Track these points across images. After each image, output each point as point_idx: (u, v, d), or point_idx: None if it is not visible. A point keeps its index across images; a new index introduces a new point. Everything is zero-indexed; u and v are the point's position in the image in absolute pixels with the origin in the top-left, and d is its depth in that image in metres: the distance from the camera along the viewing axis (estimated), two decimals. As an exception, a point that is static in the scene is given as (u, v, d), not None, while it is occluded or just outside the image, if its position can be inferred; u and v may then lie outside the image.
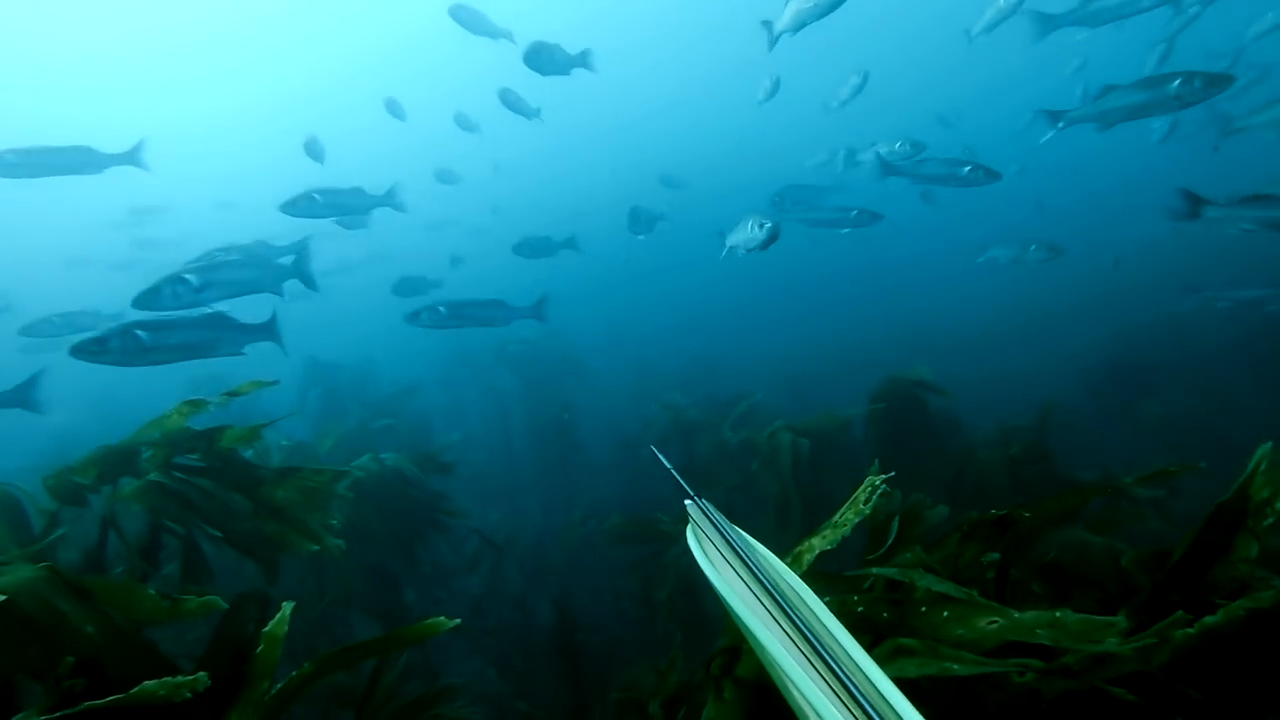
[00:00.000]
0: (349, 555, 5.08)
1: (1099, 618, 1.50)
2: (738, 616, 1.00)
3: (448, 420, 11.33)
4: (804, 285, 24.34)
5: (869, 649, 1.56)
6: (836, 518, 1.71)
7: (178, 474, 2.94)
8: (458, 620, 1.53)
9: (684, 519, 1.15)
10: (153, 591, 2.53)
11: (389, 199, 7.15)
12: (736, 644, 1.69)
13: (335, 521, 3.38)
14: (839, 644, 0.90)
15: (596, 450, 10.73)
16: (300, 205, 6.66)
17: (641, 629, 5.77)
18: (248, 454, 5.15)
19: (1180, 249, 15.22)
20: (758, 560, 1.09)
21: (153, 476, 2.87)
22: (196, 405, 3.05)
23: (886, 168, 7.83)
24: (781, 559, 1.12)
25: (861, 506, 1.70)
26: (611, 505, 8.94)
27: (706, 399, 9.41)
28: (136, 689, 1.31)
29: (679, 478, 1.36)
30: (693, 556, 1.17)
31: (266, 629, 1.42)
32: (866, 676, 0.84)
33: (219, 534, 2.92)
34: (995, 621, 1.53)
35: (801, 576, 1.12)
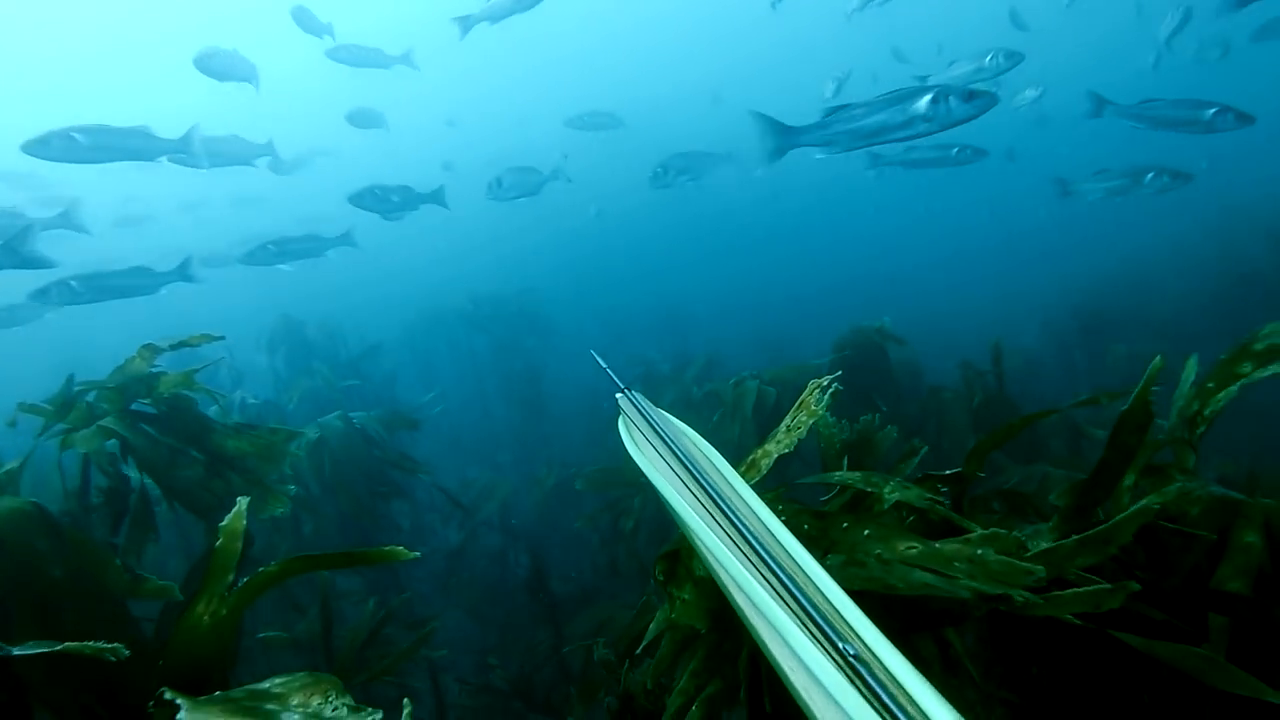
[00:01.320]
0: (325, 512, 5.13)
1: (1021, 563, 1.46)
2: (664, 498, 1.08)
3: (420, 379, 11.34)
4: (776, 243, 24.39)
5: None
6: (789, 421, 1.67)
7: (127, 420, 2.90)
8: (418, 554, 1.56)
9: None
10: (119, 563, 2.55)
11: (435, 197, 7.31)
12: (683, 547, 1.70)
13: (290, 480, 3.38)
14: (758, 518, 0.99)
15: (567, 406, 10.81)
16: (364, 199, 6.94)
17: (614, 578, 5.88)
18: (211, 410, 5.15)
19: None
20: (681, 442, 1.22)
21: (106, 422, 2.85)
22: (155, 349, 3.03)
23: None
24: (736, 468, 1.17)
25: (814, 408, 1.66)
26: (581, 459, 9.06)
27: (678, 355, 9.51)
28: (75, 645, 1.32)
29: (610, 373, 1.48)
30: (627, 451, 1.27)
31: (224, 523, 1.44)
32: (784, 548, 0.91)
33: (156, 488, 2.89)
34: (914, 548, 1.52)
35: (755, 486, 1.17)
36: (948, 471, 1.96)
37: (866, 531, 1.58)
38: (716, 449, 1.20)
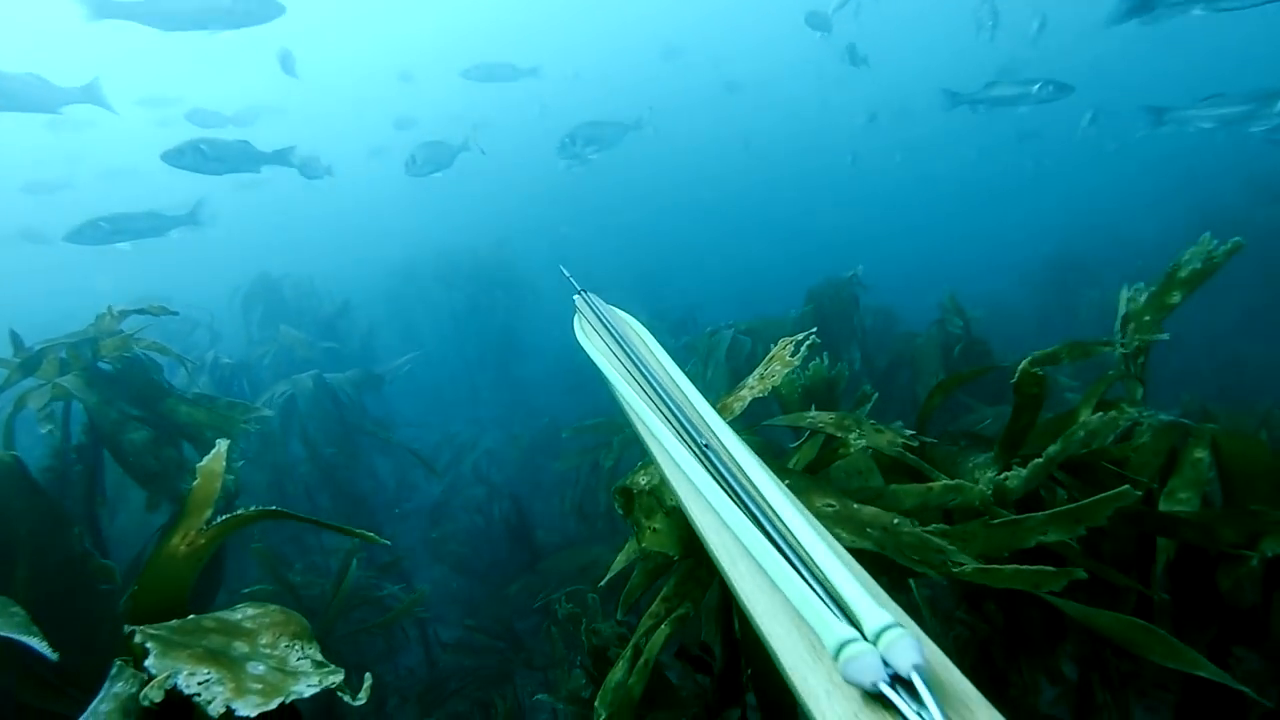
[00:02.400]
0: (308, 472, 5.14)
1: (935, 539, 1.44)
2: (615, 392, 1.33)
3: (398, 337, 11.29)
4: (754, 198, 24.24)
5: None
6: (762, 369, 1.69)
7: (82, 380, 2.86)
8: (388, 541, 1.62)
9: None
10: (77, 530, 2.56)
11: (280, 157, 6.78)
12: (648, 482, 1.72)
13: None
14: (691, 404, 1.23)
15: (544, 361, 10.85)
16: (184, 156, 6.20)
17: (595, 521, 5.95)
18: (179, 373, 5.12)
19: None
20: (621, 329, 1.53)
21: (62, 379, 2.82)
22: (123, 314, 3.00)
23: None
24: (713, 407, 1.24)
25: (789, 359, 1.66)
26: (560, 411, 9.13)
27: (654, 311, 9.51)
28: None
29: (568, 275, 1.73)
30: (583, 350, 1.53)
31: (201, 465, 1.45)
32: (708, 424, 1.15)
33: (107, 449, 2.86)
34: (831, 505, 1.52)
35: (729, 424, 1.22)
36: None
37: (788, 482, 1.60)
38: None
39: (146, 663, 1.15)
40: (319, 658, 1.28)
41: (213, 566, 2.90)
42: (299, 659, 1.26)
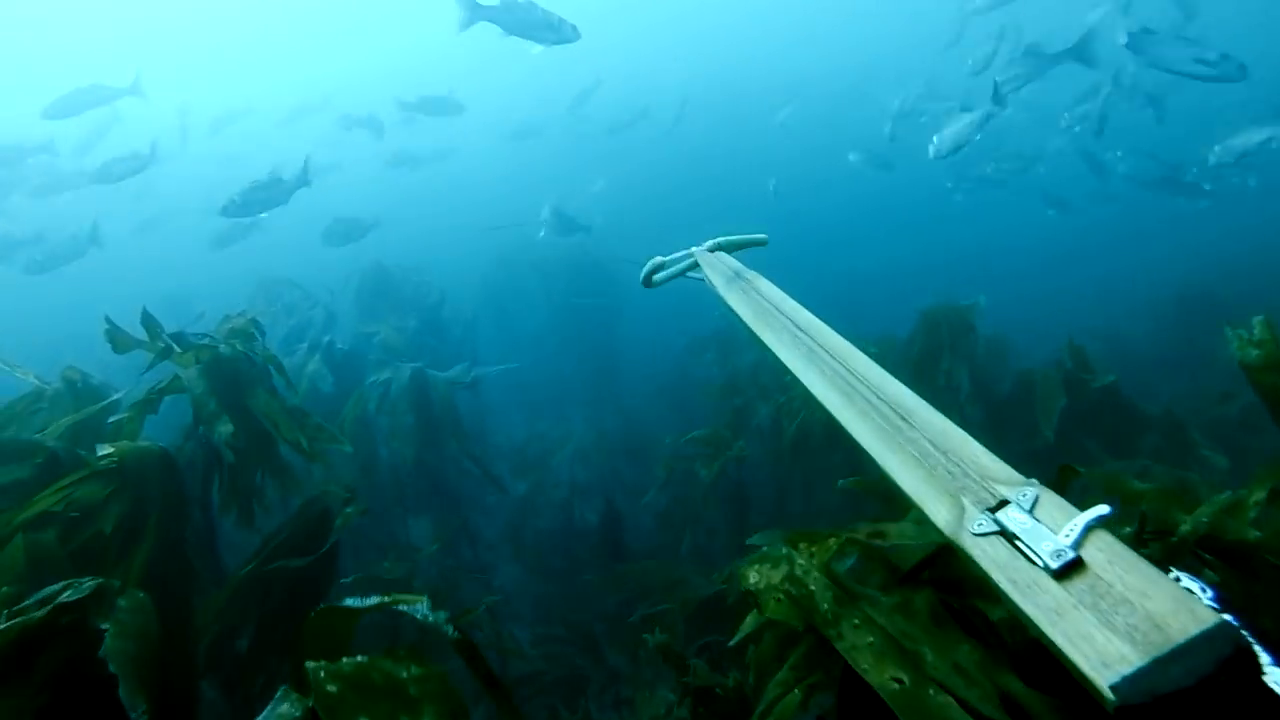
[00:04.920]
0: (396, 459, 5.26)
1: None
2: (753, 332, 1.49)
3: (497, 328, 11.44)
4: (860, 212, 23.54)
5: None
6: None
7: (203, 378, 2.95)
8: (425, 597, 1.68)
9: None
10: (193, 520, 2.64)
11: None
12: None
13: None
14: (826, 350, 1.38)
15: (639, 362, 10.77)
16: None
17: (685, 534, 5.84)
18: (313, 356, 5.35)
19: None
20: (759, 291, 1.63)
21: (184, 373, 2.93)
22: (256, 323, 3.14)
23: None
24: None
25: None
26: (649, 412, 9.06)
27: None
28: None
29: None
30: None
31: None
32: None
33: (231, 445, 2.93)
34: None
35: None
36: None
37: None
38: None
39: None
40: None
41: (328, 560, 2.99)
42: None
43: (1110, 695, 0.63)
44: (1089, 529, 0.76)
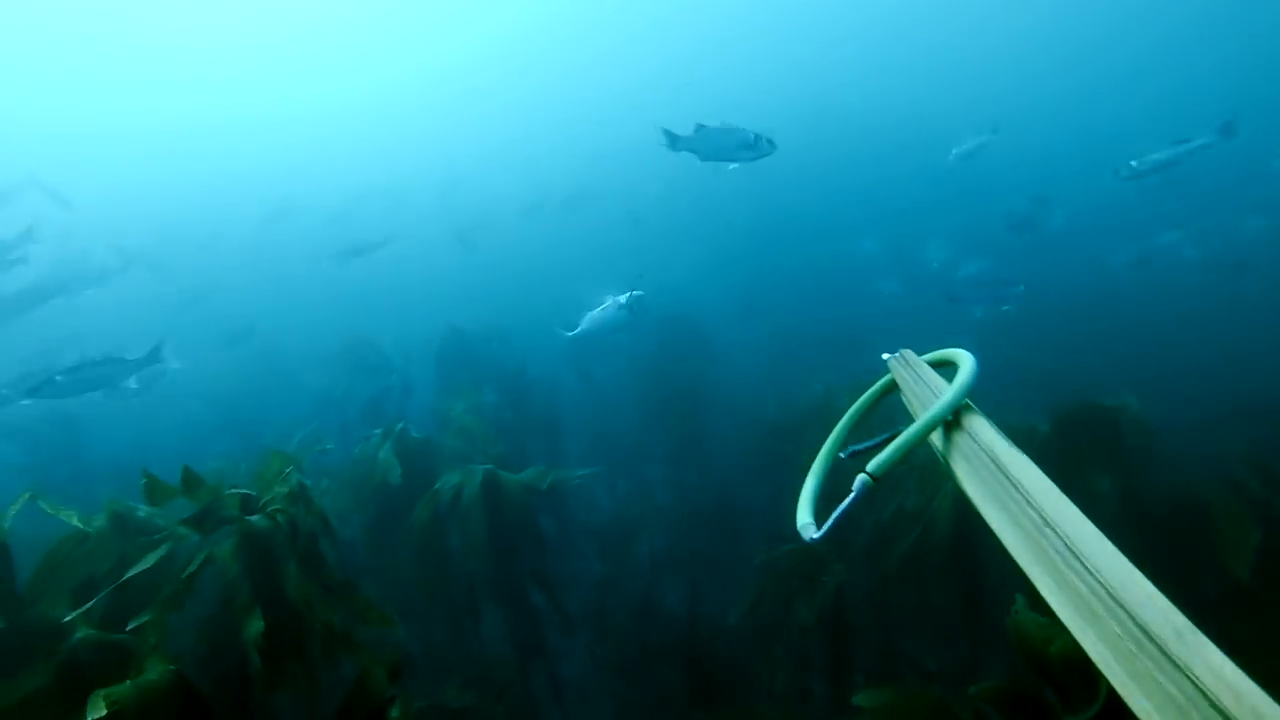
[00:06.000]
0: (471, 570, 4.86)
1: None
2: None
3: (577, 388, 11.03)
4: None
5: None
6: None
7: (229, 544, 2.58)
8: None
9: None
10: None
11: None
12: None
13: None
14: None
15: (728, 429, 10.14)
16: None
17: (774, 640, 5.27)
18: (384, 444, 5.03)
19: None
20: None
21: (218, 547, 2.56)
22: (295, 468, 2.75)
23: None
24: None
25: None
26: (745, 490, 8.43)
27: (857, 380, 8.57)
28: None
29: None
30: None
31: None
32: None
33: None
34: None
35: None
36: None
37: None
38: None
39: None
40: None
41: None
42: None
43: None
44: None
